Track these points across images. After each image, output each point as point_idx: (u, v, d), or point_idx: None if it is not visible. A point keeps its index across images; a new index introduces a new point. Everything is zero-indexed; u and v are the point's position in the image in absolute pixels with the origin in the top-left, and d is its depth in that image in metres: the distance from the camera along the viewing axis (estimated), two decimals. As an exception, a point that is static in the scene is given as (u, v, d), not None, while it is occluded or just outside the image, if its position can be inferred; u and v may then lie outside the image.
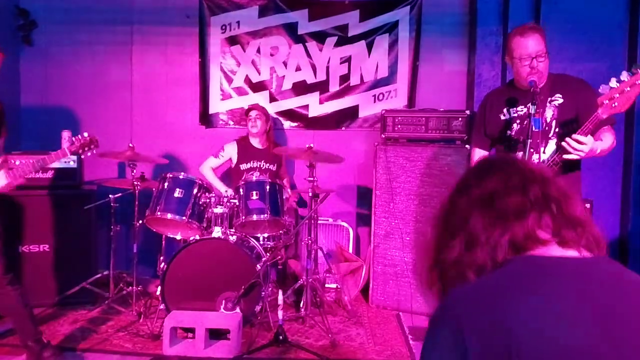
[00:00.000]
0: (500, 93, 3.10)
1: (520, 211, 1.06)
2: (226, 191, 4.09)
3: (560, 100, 2.84)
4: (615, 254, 4.46)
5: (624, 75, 2.44)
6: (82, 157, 3.63)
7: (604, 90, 2.48)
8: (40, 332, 3.25)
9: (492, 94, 3.18)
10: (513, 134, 2.94)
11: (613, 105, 2.45)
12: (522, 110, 2.90)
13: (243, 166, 4.68)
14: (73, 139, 3.50)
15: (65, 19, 5.14)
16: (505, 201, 1.08)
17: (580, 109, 2.75)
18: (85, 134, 3.49)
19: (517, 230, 1.05)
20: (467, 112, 4.28)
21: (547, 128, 2.85)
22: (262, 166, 4.68)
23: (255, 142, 4.74)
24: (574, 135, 2.56)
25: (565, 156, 2.60)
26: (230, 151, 4.73)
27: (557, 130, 2.84)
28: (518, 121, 2.92)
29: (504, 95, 3.03)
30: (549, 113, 2.85)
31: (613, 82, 2.46)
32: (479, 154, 3.17)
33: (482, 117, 3.14)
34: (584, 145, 2.54)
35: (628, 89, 2.42)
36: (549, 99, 2.86)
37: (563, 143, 2.59)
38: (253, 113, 4.69)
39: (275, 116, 5.17)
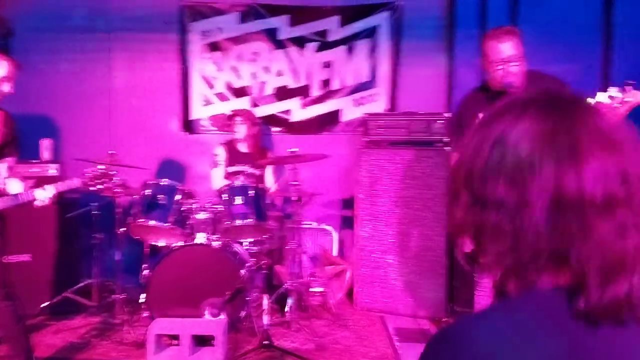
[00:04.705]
0: (474, 97, 3.10)
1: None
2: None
3: None
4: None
5: (613, 91, 2.37)
6: (94, 189, 3.26)
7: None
8: (32, 351, 3.13)
9: (466, 99, 3.18)
10: None
11: None
12: None
13: (229, 169, 4.68)
14: (85, 171, 3.20)
15: (43, 26, 5.08)
16: None
17: None
18: (100, 167, 3.24)
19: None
20: (447, 114, 4.32)
21: None
22: (247, 170, 4.68)
23: (242, 147, 4.73)
24: None
25: None
26: (222, 154, 4.71)
27: None
28: None
29: (478, 99, 3.01)
30: None
31: (600, 97, 2.38)
32: None
33: (459, 124, 3.13)
34: None
35: (616, 105, 2.34)
36: None
37: None
38: (237, 119, 4.68)
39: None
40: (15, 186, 3.05)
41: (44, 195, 2.99)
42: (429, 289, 4.27)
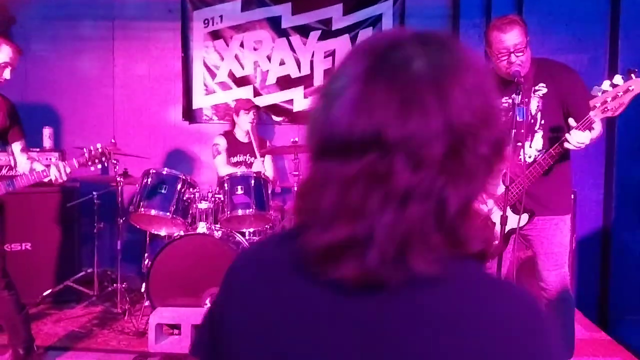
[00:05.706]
0: None
1: None
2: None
3: (544, 90, 2.80)
4: (598, 246, 4.50)
5: (617, 79, 2.39)
6: (92, 169, 3.27)
7: (596, 93, 2.45)
8: (32, 339, 3.16)
9: None
10: None
11: (605, 109, 2.42)
12: (505, 102, 2.85)
13: (230, 159, 4.64)
14: (84, 150, 3.19)
15: (44, 14, 5.06)
16: None
17: (564, 98, 2.73)
18: (99, 146, 3.21)
19: None
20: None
21: (532, 121, 2.80)
22: (247, 160, 4.65)
23: (241, 136, 4.69)
24: (573, 132, 2.52)
25: (567, 145, 2.56)
26: (222, 143, 4.66)
27: (542, 122, 2.81)
28: (502, 114, 2.88)
29: None
30: (533, 104, 2.81)
31: (606, 85, 2.41)
32: None
33: None
34: (583, 143, 2.53)
35: (621, 93, 2.37)
36: (533, 88, 2.82)
37: (566, 144, 2.55)
38: (252, 113, 4.59)
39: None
40: (39, 168, 3.08)
41: (57, 173, 3.01)
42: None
